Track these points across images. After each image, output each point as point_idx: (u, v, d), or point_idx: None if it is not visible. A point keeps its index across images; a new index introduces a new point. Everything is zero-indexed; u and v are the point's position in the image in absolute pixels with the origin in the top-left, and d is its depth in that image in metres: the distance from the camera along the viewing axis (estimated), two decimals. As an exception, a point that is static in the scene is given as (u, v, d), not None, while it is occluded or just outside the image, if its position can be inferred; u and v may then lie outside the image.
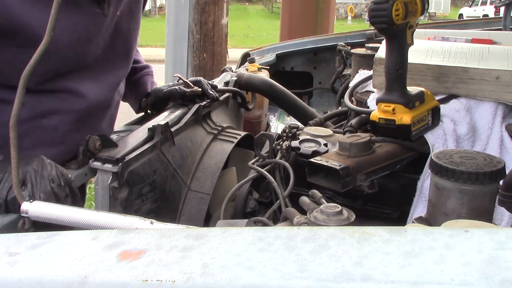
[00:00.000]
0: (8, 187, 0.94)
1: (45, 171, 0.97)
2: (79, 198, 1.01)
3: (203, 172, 1.28)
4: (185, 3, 3.34)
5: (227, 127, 1.48)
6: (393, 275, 0.49)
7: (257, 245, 0.56)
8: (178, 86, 1.43)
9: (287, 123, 2.15)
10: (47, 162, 0.99)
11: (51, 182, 0.96)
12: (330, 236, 0.57)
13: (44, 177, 0.96)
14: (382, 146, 1.13)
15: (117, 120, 1.59)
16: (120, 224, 0.78)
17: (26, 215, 0.84)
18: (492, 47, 1.40)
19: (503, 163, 0.78)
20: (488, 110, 1.22)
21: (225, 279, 0.51)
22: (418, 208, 1.11)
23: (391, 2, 1.03)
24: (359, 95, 1.47)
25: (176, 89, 1.41)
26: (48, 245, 0.61)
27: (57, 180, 0.97)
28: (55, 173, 0.98)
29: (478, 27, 2.38)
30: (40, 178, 0.95)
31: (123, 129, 1.33)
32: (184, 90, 1.41)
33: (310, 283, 0.49)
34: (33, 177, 0.95)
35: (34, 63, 0.83)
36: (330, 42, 2.50)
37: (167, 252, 0.56)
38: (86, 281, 0.53)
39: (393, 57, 1.12)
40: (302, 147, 1.19)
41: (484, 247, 0.53)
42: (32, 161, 0.97)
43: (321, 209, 0.80)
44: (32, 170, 0.96)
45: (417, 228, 0.59)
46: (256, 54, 2.49)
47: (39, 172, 0.96)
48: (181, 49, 3.45)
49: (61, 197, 0.97)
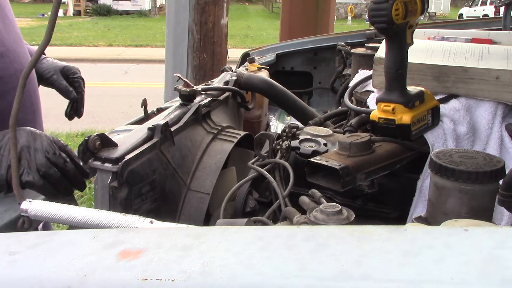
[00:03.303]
0: (6, 166, 0.94)
1: (37, 143, 0.96)
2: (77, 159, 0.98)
3: (202, 172, 1.28)
4: (185, 3, 3.34)
5: (227, 126, 1.47)
6: (392, 274, 0.49)
7: (256, 244, 0.56)
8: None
9: (287, 123, 2.15)
10: (36, 134, 0.97)
11: (46, 153, 0.95)
12: (330, 235, 0.57)
13: (38, 150, 0.95)
14: (382, 145, 1.13)
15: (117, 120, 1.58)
16: (120, 223, 0.78)
17: (26, 214, 0.84)
18: (492, 47, 1.40)
19: (502, 162, 0.78)
20: (488, 109, 1.22)
21: (225, 278, 0.51)
22: (418, 208, 1.11)
23: (391, 2, 1.03)
24: (359, 95, 1.47)
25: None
26: (48, 244, 0.61)
27: (50, 150, 0.96)
28: (47, 142, 0.97)
29: (478, 27, 2.38)
30: (34, 152, 0.94)
31: (123, 128, 1.33)
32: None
33: (310, 282, 0.49)
34: (26, 152, 0.94)
35: (33, 63, 0.83)
36: (330, 42, 2.50)
37: (166, 251, 0.56)
38: (85, 280, 0.53)
39: (393, 57, 1.12)
40: (302, 147, 1.19)
41: (483, 246, 0.53)
42: (21, 136, 0.95)
43: (321, 209, 0.80)
44: (25, 146, 0.94)
45: (417, 227, 0.59)
46: (256, 54, 2.49)
47: (32, 146, 0.95)
48: (181, 49, 3.45)
49: (60, 164, 0.96)
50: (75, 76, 1.43)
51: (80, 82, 1.45)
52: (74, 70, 1.45)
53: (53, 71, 1.38)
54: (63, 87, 1.36)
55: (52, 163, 0.95)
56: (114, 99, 7.89)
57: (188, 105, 1.39)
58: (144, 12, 25.27)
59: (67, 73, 1.42)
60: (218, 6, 3.43)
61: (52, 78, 1.36)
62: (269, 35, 16.56)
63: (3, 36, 1.22)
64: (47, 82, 1.38)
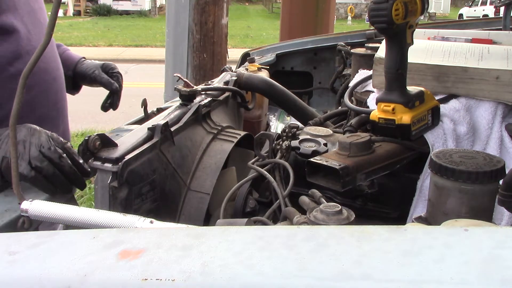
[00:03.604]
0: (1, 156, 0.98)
1: (34, 138, 1.00)
2: (77, 156, 1.02)
3: (202, 172, 1.28)
4: (185, 3, 3.34)
5: (226, 126, 1.47)
6: (392, 274, 0.49)
7: (256, 244, 0.56)
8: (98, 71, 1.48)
9: (287, 123, 2.15)
10: (36, 130, 1.02)
11: (40, 148, 0.98)
12: (330, 235, 0.57)
13: (32, 144, 0.99)
14: (382, 145, 1.13)
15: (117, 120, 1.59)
16: (120, 223, 0.78)
17: (26, 214, 0.84)
18: (492, 47, 1.40)
19: (502, 162, 0.78)
20: (488, 109, 1.22)
21: (225, 278, 0.51)
22: (418, 208, 1.11)
23: (391, 2, 1.03)
24: (359, 95, 1.47)
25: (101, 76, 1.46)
26: (48, 244, 0.61)
27: (46, 144, 0.99)
28: (45, 138, 1.00)
29: (478, 27, 2.38)
30: (29, 145, 0.98)
31: (123, 128, 1.33)
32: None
33: (310, 282, 0.49)
34: (21, 146, 0.98)
35: (33, 62, 0.83)
36: (330, 42, 2.50)
37: (166, 251, 0.56)
38: (85, 280, 0.53)
39: (393, 57, 1.12)
40: (302, 147, 1.19)
41: (483, 246, 0.53)
42: (20, 132, 1.00)
43: (321, 209, 0.80)
44: (21, 140, 0.99)
45: (417, 227, 0.59)
46: (256, 54, 2.49)
47: (28, 140, 0.99)
48: (181, 49, 3.45)
49: (55, 159, 0.99)
50: (114, 71, 1.52)
51: (119, 76, 1.54)
52: (112, 66, 1.55)
53: (94, 68, 1.49)
54: (105, 80, 1.46)
55: (46, 157, 0.98)
56: (114, 99, 7.86)
57: (188, 105, 1.39)
58: (144, 12, 25.28)
59: (107, 69, 1.52)
60: (218, 6, 3.43)
61: (94, 73, 1.47)
62: (269, 35, 16.56)
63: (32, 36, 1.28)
64: (90, 79, 1.48)
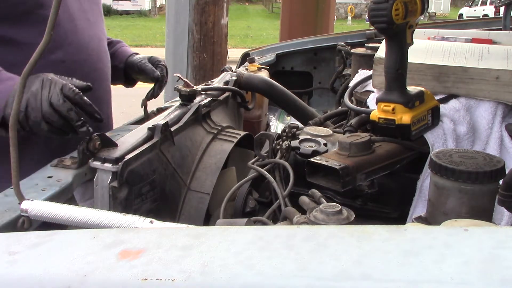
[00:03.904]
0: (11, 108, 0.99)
1: (44, 91, 1.02)
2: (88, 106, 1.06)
3: (202, 172, 1.28)
4: (185, 3, 3.35)
5: (226, 126, 1.47)
6: (392, 274, 0.49)
7: (256, 244, 0.56)
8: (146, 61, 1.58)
9: (287, 123, 2.15)
10: (47, 82, 1.03)
11: (50, 100, 1.01)
12: (330, 235, 0.57)
13: (43, 99, 1.01)
14: (382, 145, 1.13)
15: (117, 120, 1.60)
16: (120, 223, 0.78)
17: (26, 214, 0.84)
18: (492, 47, 1.40)
19: (502, 162, 0.78)
20: (488, 110, 1.22)
21: (225, 278, 0.51)
22: (418, 208, 1.11)
23: (391, 2, 1.03)
24: (359, 95, 1.47)
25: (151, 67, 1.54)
26: (48, 244, 0.61)
27: (56, 98, 1.02)
28: (58, 90, 1.02)
29: (478, 27, 2.38)
30: (40, 102, 1.01)
31: (123, 128, 1.33)
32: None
33: (310, 282, 0.49)
34: (32, 101, 1.01)
35: (33, 62, 0.83)
36: (330, 42, 2.50)
37: (166, 251, 0.56)
38: (85, 279, 0.53)
39: (393, 57, 1.12)
40: (302, 147, 1.19)
41: (483, 246, 0.53)
42: (32, 84, 1.02)
43: (321, 209, 0.80)
44: (33, 95, 1.01)
45: (417, 227, 0.59)
46: (256, 54, 2.49)
47: (39, 94, 1.01)
48: (181, 49, 3.46)
49: (63, 111, 1.01)
50: (159, 63, 1.61)
51: (163, 67, 1.61)
52: (158, 59, 1.65)
53: (142, 59, 1.61)
54: (149, 68, 1.56)
55: (56, 111, 1.02)
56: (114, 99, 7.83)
57: (188, 105, 1.39)
58: (144, 12, 25.27)
59: (153, 61, 1.62)
60: (218, 6, 3.43)
61: (141, 62, 1.58)
62: (269, 35, 16.55)
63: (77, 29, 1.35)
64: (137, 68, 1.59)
